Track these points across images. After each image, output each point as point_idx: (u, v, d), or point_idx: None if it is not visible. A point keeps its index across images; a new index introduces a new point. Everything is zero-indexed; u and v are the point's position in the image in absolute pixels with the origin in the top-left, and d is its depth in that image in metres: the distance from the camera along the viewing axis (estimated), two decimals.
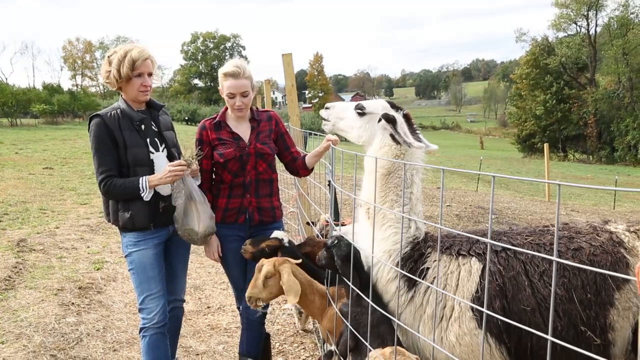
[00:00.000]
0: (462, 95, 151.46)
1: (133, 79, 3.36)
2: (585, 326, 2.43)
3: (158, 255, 3.50)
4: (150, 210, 3.40)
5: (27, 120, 41.39)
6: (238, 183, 3.69)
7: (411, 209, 2.81)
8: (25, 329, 4.83)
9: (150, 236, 3.45)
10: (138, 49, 3.35)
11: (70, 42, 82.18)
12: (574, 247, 2.56)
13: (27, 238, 7.97)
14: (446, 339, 2.55)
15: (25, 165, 16.56)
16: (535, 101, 54.05)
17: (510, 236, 2.69)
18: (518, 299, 2.47)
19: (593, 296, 2.44)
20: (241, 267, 3.80)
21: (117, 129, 3.34)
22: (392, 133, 2.82)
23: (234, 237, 3.74)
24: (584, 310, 2.43)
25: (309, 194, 5.68)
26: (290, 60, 5.53)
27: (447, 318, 2.57)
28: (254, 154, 3.68)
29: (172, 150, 3.56)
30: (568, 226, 2.77)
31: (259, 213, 3.74)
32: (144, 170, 3.36)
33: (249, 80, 3.62)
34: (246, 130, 3.76)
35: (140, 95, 3.43)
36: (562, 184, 1.33)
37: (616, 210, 15.46)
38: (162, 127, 3.57)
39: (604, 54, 51.34)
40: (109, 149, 3.32)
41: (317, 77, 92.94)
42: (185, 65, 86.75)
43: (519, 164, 40.13)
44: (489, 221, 1.48)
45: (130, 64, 3.30)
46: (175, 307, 3.71)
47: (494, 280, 2.50)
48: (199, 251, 7.67)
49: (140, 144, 3.39)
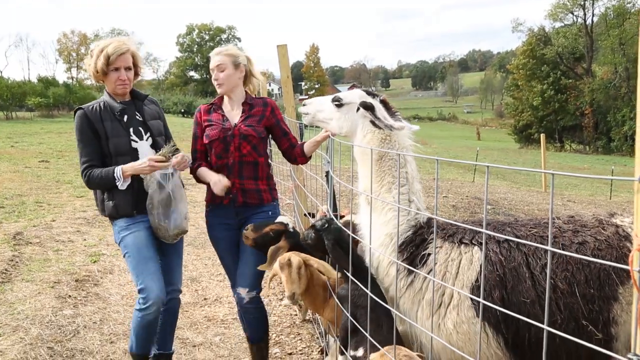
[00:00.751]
0: (458, 86, 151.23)
1: (110, 73, 3.49)
2: (587, 320, 2.41)
3: (151, 237, 3.55)
4: (134, 198, 3.49)
5: (23, 113, 41.22)
6: (222, 165, 3.75)
7: (409, 189, 2.83)
8: (22, 322, 4.83)
9: (140, 220, 3.53)
10: (115, 45, 3.45)
11: (65, 35, 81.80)
12: (578, 241, 2.54)
13: (23, 231, 7.97)
14: (443, 326, 2.55)
15: (21, 159, 16.52)
16: (532, 91, 54.02)
17: (515, 227, 2.68)
18: (518, 290, 2.46)
19: (596, 291, 2.42)
20: (233, 254, 3.82)
21: (99, 121, 3.48)
22: (372, 120, 2.86)
23: (222, 225, 3.82)
24: (586, 305, 2.41)
25: (305, 186, 5.67)
26: (285, 51, 5.51)
27: (446, 305, 2.57)
28: (237, 135, 3.72)
29: (158, 139, 3.64)
30: (574, 219, 2.74)
31: (243, 195, 3.75)
32: (126, 160, 3.45)
33: (228, 57, 3.73)
34: (237, 112, 3.85)
35: (118, 89, 3.55)
36: (556, 173, 1.33)
37: (612, 200, 15.49)
38: (147, 117, 3.66)
39: (600, 44, 51.26)
40: (90, 140, 3.47)
41: (313, 69, 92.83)
42: (180, 58, 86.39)
43: (516, 154, 40.18)
44: (484, 212, 1.48)
45: (105, 59, 3.43)
46: (172, 298, 3.71)
47: (495, 271, 2.49)
48: (195, 243, 7.69)
49: (122, 134, 3.50)
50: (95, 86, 67.57)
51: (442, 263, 2.61)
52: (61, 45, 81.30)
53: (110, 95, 3.60)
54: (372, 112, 2.85)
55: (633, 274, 1.12)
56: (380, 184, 2.85)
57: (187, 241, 7.81)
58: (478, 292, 2.49)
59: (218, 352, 4.41)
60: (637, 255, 1.11)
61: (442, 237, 2.70)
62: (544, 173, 3.45)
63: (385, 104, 2.94)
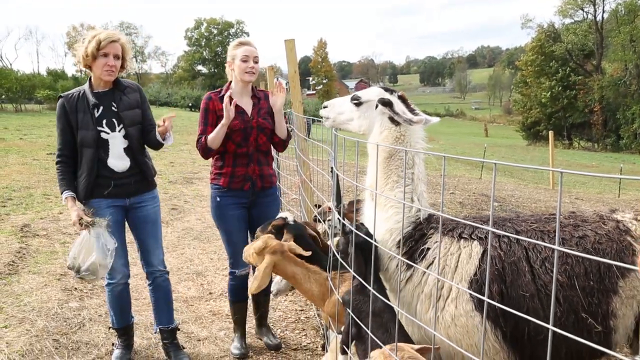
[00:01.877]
0: (466, 82, 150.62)
1: (98, 58, 3.66)
2: (587, 313, 2.43)
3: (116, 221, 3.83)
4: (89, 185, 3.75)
5: (32, 105, 41.44)
6: (242, 153, 4.06)
7: (413, 190, 2.83)
8: (28, 314, 4.85)
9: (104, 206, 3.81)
10: (107, 32, 3.69)
11: (74, 28, 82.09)
12: (579, 235, 2.56)
13: (30, 223, 8.00)
14: (442, 318, 2.56)
15: (30, 151, 16.60)
16: (541, 88, 53.68)
17: (515, 223, 2.70)
18: (517, 285, 2.46)
19: (596, 284, 2.44)
20: (243, 232, 4.21)
21: (73, 111, 3.73)
22: (390, 116, 2.84)
23: (236, 204, 4.13)
24: (586, 298, 2.43)
25: (311, 181, 5.66)
26: (292, 46, 5.49)
27: (444, 298, 2.58)
28: (256, 127, 4.06)
29: (130, 129, 3.81)
30: (574, 214, 2.77)
31: (262, 180, 4.15)
32: (89, 152, 3.71)
33: (257, 50, 4.05)
34: (248, 104, 4.12)
35: (104, 75, 3.71)
36: (565, 171, 1.31)
37: (621, 198, 15.40)
38: (122, 107, 3.80)
39: (610, 40, 50.86)
40: (64, 129, 3.78)
41: (321, 64, 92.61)
42: (189, 52, 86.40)
43: (524, 151, 40.00)
44: (490, 208, 1.46)
45: (97, 43, 3.61)
46: (155, 277, 4.06)
47: (493, 265, 2.50)
48: (201, 237, 7.70)
49: (89, 127, 3.71)
50: None
51: (442, 257, 2.62)
52: (70, 39, 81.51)
53: (90, 85, 3.80)
54: (390, 108, 2.83)
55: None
56: (386, 182, 2.86)
57: (192, 235, 7.84)
58: (476, 285, 2.50)
59: (223, 347, 4.41)
60: None
61: (442, 232, 2.70)
62: (552, 171, 3.46)
63: (404, 99, 2.92)
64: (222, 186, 4.10)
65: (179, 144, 19.54)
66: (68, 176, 3.81)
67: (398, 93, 2.94)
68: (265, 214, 4.19)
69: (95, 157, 3.72)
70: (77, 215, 3.69)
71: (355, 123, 3.03)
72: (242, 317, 4.39)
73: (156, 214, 4.05)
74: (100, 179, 3.76)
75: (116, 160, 3.77)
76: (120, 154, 3.79)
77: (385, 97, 2.87)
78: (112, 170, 3.77)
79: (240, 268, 4.23)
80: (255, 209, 4.20)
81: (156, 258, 4.06)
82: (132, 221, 3.99)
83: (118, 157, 3.78)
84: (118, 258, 3.81)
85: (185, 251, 7.10)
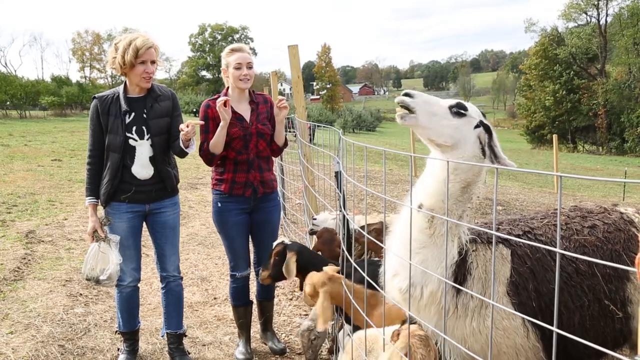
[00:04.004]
0: (470, 86, 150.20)
1: (136, 66, 3.65)
2: (608, 299, 2.50)
3: (133, 227, 3.89)
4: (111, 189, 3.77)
5: (36, 112, 41.64)
6: (242, 160, 4.05)
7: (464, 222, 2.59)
8: (33, 320, 4.87)
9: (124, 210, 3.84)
10: (142, 38, 3.64)
11: (79, 34, 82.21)
12: (589, 225, 2.64)
13: (35, 229, 8.04)
14: (482, 324, 2.51)
15: (34, 157, 16.66)
16: (545, 92, 53.61)
17: (526, 221, 2.76)
18: (546, 280, 2.50)
19: (612, 270, 2.52)
20: (244, 237, 4.24)
21: (105, 114, 3.73)
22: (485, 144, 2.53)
23: (238, 210, 4.14)
24: (607, 284, 2.50)
25: (314, 186, 5.67)
26: (296, 51, 5.52)
27: (486, 305, 2.50)
28: (255, 133, 4.05)
29: (155, 138, 3.80)
30: (579, 207, 2.86)
31: (263, 186, 4.14)
32: (116, 157, 3.72)
33: (251, 55, 4.05)
34: (247, 110, 4.10)
35: (143, 82, 3.73)
36: (564, 175, 1.32)
37: (626, 201, 15.36)
38: (152, 115, 3.79)
39: (614, 44, 50.82)
40: (95, 130, 3.77)
41: (325, 69, 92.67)
42: (192, 57, 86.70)
43: (528, 155, 39.94)
44: (493, 213, 1.47)
45: (134, 52, 3.59)
46: (168, 282, 4.10)
47: (524, 264, 2.53)
48: (206, 243, 7.72)
49: (118, 132, 3.70)
50: (108, 85, 68.06)
51: (482, 265, 2.58)
52: (75, 45, 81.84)
53: (125, 90, 3.79)
54: (490, 136, 2.55)
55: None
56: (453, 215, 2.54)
57: (197, 240, 7.86)
58: (512, 287, 2.51)
59: (227, 352, 4.42)
60: None
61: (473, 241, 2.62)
62: (550, 175, 3.47)
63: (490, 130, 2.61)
64: (223, 192, 4.11)
65: None
66: (95, 180, 3.82)
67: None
68: (267, 219, 4.24)
69: (120, 163, 3.73)
70: (93, 227, 3.76)
71: (445, 132, 2.50)
72: (246, 321, 4.40)
73: (175, 221, 4.06)
74: (123, 184, 3.78)
75: (140, 168, 3.78)
76: (145, 162, 3.79)
77: (487, 123, 2.56)
78: (134, 177, 3.78)
79: (241, 271, 4.27)
80: (256, 214, 4.22)
81: (172, 264, 4.09)
82: (151, 226, 4.00)
83: (143, 166, 3.78)
84: (129, 262, 3.87)
85: (190, 256, 7.11)
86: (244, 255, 4.26)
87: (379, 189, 11.71)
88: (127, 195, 3.79)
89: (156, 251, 4.07)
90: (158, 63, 3.82)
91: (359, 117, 62.65)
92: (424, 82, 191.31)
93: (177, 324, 4.16)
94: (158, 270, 4.13)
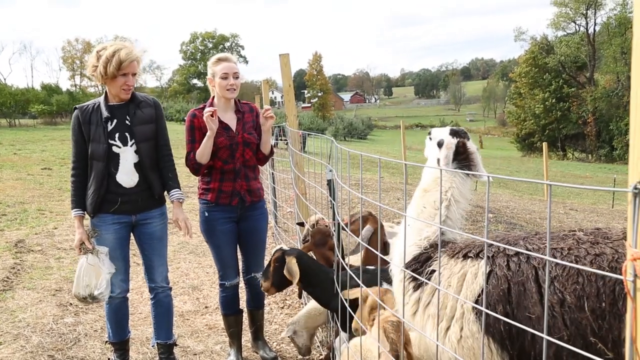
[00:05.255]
0: (461, 94, 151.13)
1: (118, 78, 3.64)
2: (596, 337, 2.27)
3: (120, 238, 3.86)
4: (98, 200, 3.73)
5: (26, 120, 41.47)
6: (229, 169, 4.05)
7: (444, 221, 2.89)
8: (23, 330, 4.83)
9: (109, 222, 3.81)
10: (126, 50, 3.61)
11: (69, 43, 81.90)
12: (596, 253, 2.38)
13: (25, 239, 7.98)
14: (448, 340, 2.51)
15: (24, 166, 16.57)
16: (535, 100, 54.02)
17: (529, 240, 2.57)
18: (524, 306, 2.37)
19: (608, 306, 2.26)
20: (232, 246, 4.26)
21: (87, 123, 3.72)
22: (439, 157, 3.00)
23: (225, 219, 4.15)
24: (596, 321, 2.27)
25: (305, 194, 5.67)
26: (287, 60, 5.54)
27: (449, 318, 2.54)
28: (241, 142, 4.06)
29: (141, 145, 3.78)
30: (600, 231, 2.57)
31: (250, 194, 4.15)
32: (100, 165, 3.69)
33: (237, 65, 4.07)
34: (233, 120, 4.11)
35: (122, 93, 3.73)
36: (553, 184, 1.33)
37: (615, 209, 15.47)
38: (135, 121, 3.78)
39: (603, 52, 51.32)
40: (77, 141, 3.76)
41: (316, 77, 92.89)
42: (184, 65, 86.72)
43: (518, 163, 40.15)
44: (485, 221, 1.48)
45: (117, 64, 3.58)
46: (157, 293, 4.07)
47: (499, 285, 2.43)
48: (197, 251, 7.69)
49: (101, 140, 3.69)
50: (98, 93, 67.75)
51: (447, 278, 2.59)
52: (65, 53, 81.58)
53: (106, 98, 3.79)
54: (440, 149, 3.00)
55: (626, 283, 1.12)
56: (416, 212, 2.97)
57: (188, 249, 7.83)
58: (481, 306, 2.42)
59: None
60: (630, 265, 1.12)
61: (448, 254, 2.68)
62: (543, 183, 3.47)
63: (459, 147, 3.00)
64: (210, 201, 4.12)
65: (175, 158, 19.51)
66: (81, 192, 3.79)
67: (462, 139, 3.02)
68: (254, 227, 4.25)
69: (105, 171, 3.70)
70: (80, 240, 3.74)
71: (425, 153, 3.26)
72: (237, 330, 4.39)
73: (162, 231, 4.02)
74: (109, 194, 3.75)
75: (125, 175, 3.74)
76: (129, 169, 3.75)
77: (441, 139, 3.02)
78: (119, 185, 3.75)
79: (230, 280, 4.28)
80: (244, 222, 4.22)
81: (160, 274, 4.06)
82: (138, 237, 3.98)
83: (127, 173, 3.75)
84: (118, 273, 3.85)
85: (181, 265, 7.09)
86: (232, 264, 4.28)
87: (371, 197, 11.72)
88: (115, 208, 3.77)
89: (144, 262, 4.05)
90: (139, 74, 3.85)
91: (350, 125, 62.75)
92: (414, 90, 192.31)
93: (166, 334, 4.15)
94: (146, 281, 4.10)
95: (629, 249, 1.14)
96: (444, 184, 2.92)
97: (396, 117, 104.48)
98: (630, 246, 1.14)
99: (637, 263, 1.11)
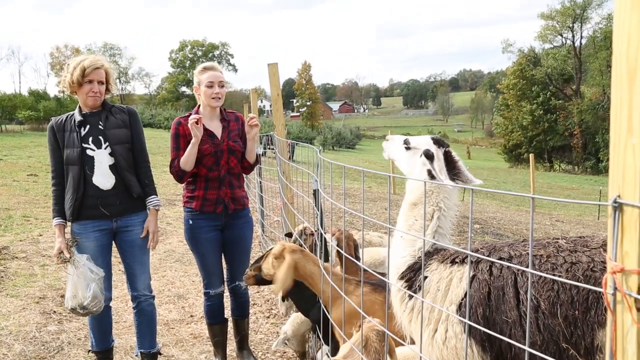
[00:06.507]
0: (449, 105, 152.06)
1: (83, 85, 3.73)
2: (568, 344, 2.33)
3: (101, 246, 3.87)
4: (76, 204, 3.77)
5: (12, 126, 41.07)
6: (213, 177, 4.08)
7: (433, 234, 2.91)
8: (5, 338, 4.78)
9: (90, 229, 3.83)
10: (92, 59, 3.77)
11: (57, 49, 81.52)
12: (572, 261, 2.40)
13: (9, 245, 7.90)
14: (434, 341, 2.60)
15: (10, 172, 16.43)
16: (522, 111, 54.47)
17: (513, 247, 2.63)
18: (501, 310, 2.44)
19: (581, 314, 2.31)
20: (217, 254, 4.28)
21: (61, 130, 3.81)
22: (429, 169, 2.93)
23: (210, 227, 4.17)
24: (567, 327, 2.33)
25: (293, 204, 5.68)
26: (276, 70, 5.55)
27: (436, 320, 2.62)
28: (226, 150, 4.09)
29: (116, 147, 3.82)
30: (582, 239, 2.60)
31: (234, 202, 4.18)
32: (75, 169, 3.74)
33: (223, 74, 4.12)
34: (218, 127, 4.15)
35: (90, 100, 3.78)
36: (535, 197, 1.35)
37: (600, 220, 15.60)
38: (109, 125, 3.85)
39: (589, 65, 51.94)
40: (53, 150, 3.84)
41: (305, 86, 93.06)
42: (173, 73, 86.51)
43: (505, 174, 40.41)
44: (469, 232, 1.50)
45: (81, 71, 3.68)
46: (139, 301, 4.06)
47: (480, 289, 2.50)
48: (183, 260, 7.66)
49: (75, 145, 3.75)
50: None
51: (436, 282, 2.65)
52: (54, 59, 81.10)
53: (79, 108, 3.86)
54: (431, 162, 2.93)
55: (606, 296, 1.14)
56: (407, 225, 2.96)
57: (174, 257, 7.80)
58: (464, 309, 2.50)
59: None
60: (610, 278, 1.14)
61: (439, 260, 2.74)
62: (528, 195, 3.48)
63: (449, 156, 3.00)
64: (194, 209, 4.14)
65: (162, 165, 19.43)
66: (61, 201, 3.84)
67: (446, 148, 3.02)
68: (239, 236, 4.27)
69: (81, 174, 3.72)
70: (59, 249, 3.75)
71: (402, 164, 3.18)
72: (222, 340, 4.37)
73: (144, 239, 4.01)
74: (87, 198, 3.76)
75: (101, 177, 3.76)
76: (105, 171, 3.78)
77: (431, 151, 2.96)
78: (97, 187, 3.76)
79: (215, 288, 4.29)
80: (228, 230, 4.24)
81: (142, 283, 4.04)
82: (119, 245, 3.97)
83: (103, 175, 3.77)
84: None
85: (167, 273, 7.05)
86: (217, 272, 4.29)
87: (357, 207, 11.74)
88: (95, 213, 3.79)
89: (126, 270, 4.05)
90: (112, 85, 3.90)
91: (338, 135, 62.84)
92: (403, 101, 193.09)
93: (150, 343, 4.13)
94: (129, 290, 4.08)
95: (609, 262, 1.16)
96: (435, 196, 2.95)
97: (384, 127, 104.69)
98: (611, 259, 1.16)
99: (617, 276, 1.12)
